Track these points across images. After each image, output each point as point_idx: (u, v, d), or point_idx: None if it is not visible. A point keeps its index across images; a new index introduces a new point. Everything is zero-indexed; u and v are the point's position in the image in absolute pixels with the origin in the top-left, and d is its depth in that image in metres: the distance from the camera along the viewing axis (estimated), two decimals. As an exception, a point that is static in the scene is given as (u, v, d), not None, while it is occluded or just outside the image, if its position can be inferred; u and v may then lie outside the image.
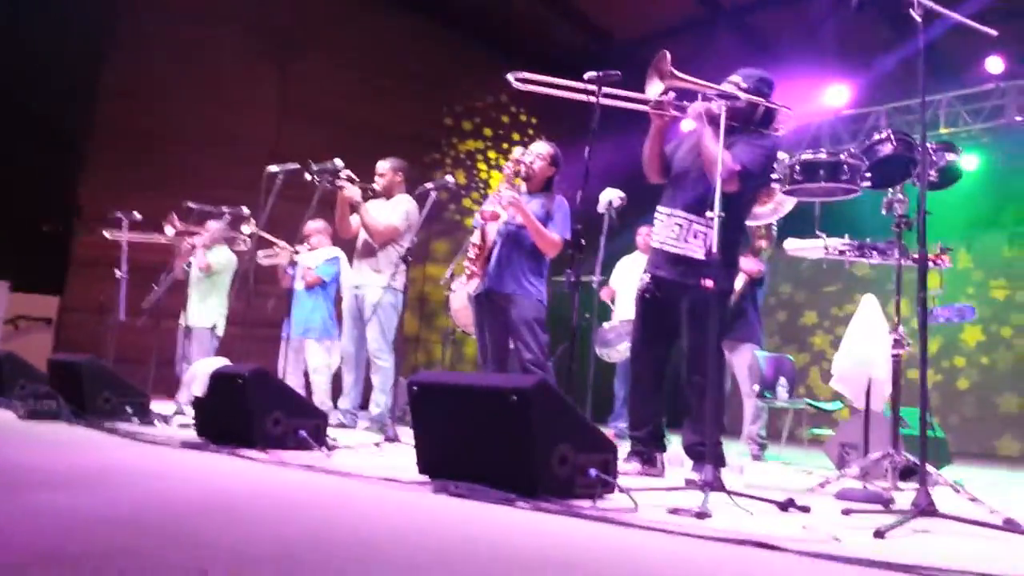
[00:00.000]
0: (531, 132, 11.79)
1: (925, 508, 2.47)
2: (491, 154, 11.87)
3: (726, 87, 3.63)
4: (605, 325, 6.80)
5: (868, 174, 3.26)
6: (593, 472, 2.64)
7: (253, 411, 3.55)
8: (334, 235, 6.10)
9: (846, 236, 3.27)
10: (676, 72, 3.47)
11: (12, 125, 9.82)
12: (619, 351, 6.76)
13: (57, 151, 10.13)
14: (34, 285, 9.89)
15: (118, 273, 6.04)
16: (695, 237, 3.74)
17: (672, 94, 3.72)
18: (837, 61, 9.64)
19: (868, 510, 2.80)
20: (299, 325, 6.51)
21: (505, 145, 11.91)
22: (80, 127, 9.91)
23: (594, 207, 5.49)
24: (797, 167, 3.34)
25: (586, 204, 4.57)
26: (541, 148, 4.64)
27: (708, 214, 2.94)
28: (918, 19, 2.71)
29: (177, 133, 9.72)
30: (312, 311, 6.34)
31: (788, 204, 4.03)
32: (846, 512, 2.73)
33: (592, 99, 3.49)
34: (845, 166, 3.24)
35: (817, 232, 3.34)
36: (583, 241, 4.32)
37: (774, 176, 3.52)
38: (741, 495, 2.73)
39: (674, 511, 2.47)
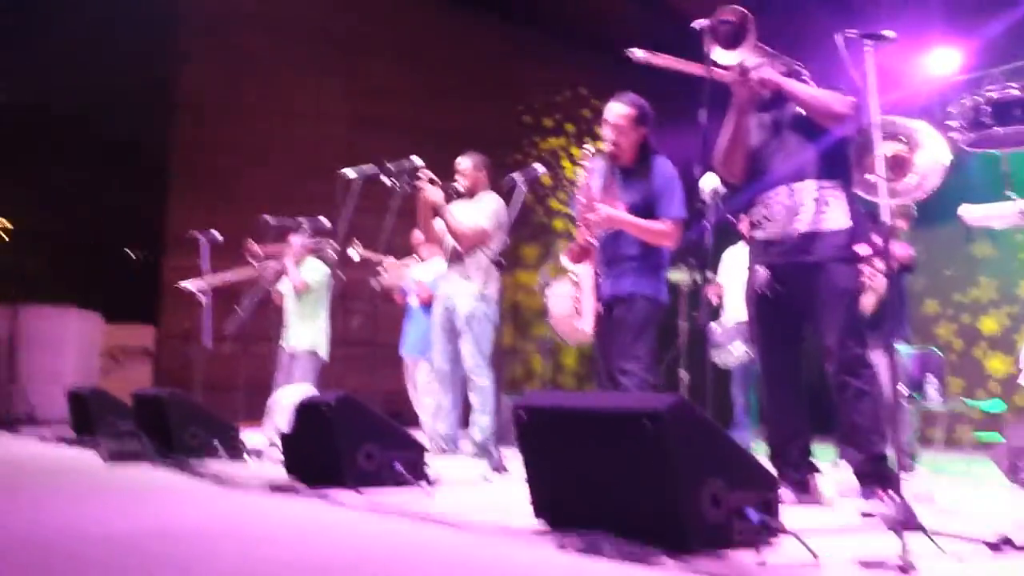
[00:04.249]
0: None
1: None
2: (574, 151, 11.38)
3: None
4: (713, 325, 6.25)
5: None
6: (754, 515, 2.13)
7: (342, 445, 3.16)
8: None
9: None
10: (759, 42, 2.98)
11: (91, 152, 9.84)
12: (732, 353, 6.20)
13: (141, 175, 10.09)
14: (128, 315, 9.85)
15: (202, 298, 5.79)
16: (829, 206, 3.18)
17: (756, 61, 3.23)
18: (944, 23, 8.85)
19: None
20: (416, 343, 6.16)
21: (588, 140, 11.43)
22: (160, 148, 9.86)
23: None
24: (984, 108, 2.72)
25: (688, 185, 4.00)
26: (615, 113, 3.79)
27: (869, 176, 2.39)
28: None
29: (255, 148, 9.58)
30: (430, 327, 5.96)
31: (935, 176, 3.42)
32: (1079, 551, 2.16)
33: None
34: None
35: (1008, 193, 2.70)
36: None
37: (952, 124, 2.93)
38: (940, 534, 2.18)
39: (868, 564, 1.94)
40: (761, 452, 3.47)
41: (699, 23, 3.08)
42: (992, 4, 8.59)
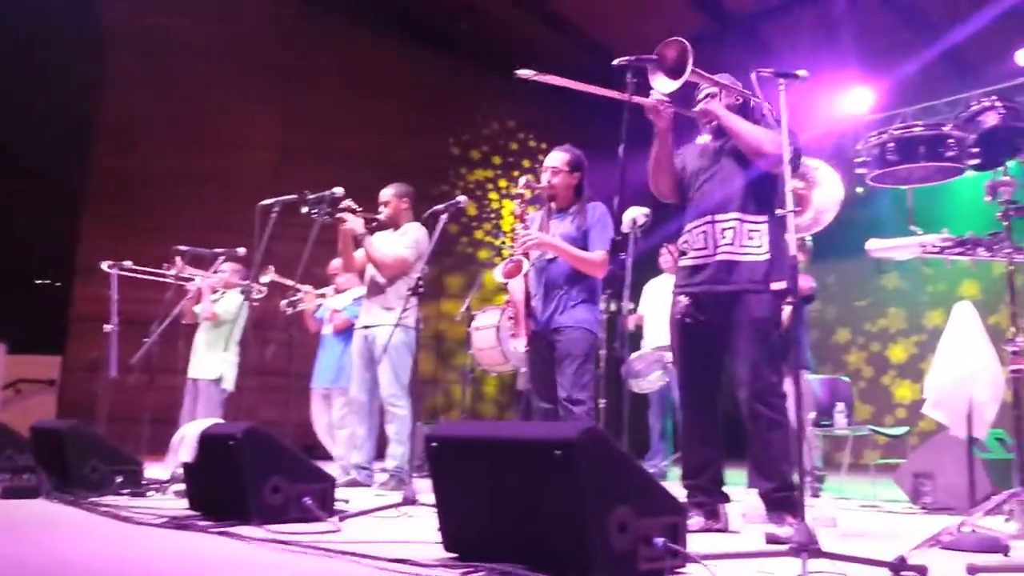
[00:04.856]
0: (541, 158, 11.36)
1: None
2: (501, 183, 11.47)
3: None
4: (633, 355, 6.33)
5: (975, 149, 2.74)
6: (659, 541, 2.13)
7: (248, 478, 3.06)
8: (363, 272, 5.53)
9: (944, 231, 2.74)
10: (697, 69, 3.04)
11: (4, 177, 9.50)
12: (651, 381, 6.29)
13: (53, 201, 9.77)
14: (34, 345, 9.48)
15: (107, 327, 5.59)
16: (750, 239, 3.25)
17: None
18: (858, 64, 9.21)
19: (997, 567, 2.28)
20: (328, 373, 6.05)
21: (516, 172, 11.51)
22: (76, 174, 9.58)
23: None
24: (890, 145, 2.82)
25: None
26: (554, 159, 4.14)
27: (779, 211, 2.45)
28: None
29: (176, 177, 9.38)
30: (343, 357, 5.86)
31: (830, 212, 3.56)
32: (972, 571, 2.22)
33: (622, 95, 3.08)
34: (949, 140, 2.73)
35: (912, 227, 2.81)
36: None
37: (859, 160, 3.04)
38: (842, 557, 2.21)
39: (770, 588, 1.96)
40: (675, 478, 3.51)
41: (620, 61, 3.13)
42: (904, 47, 8.99)
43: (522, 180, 4.25)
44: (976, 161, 2.78)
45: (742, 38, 9.92)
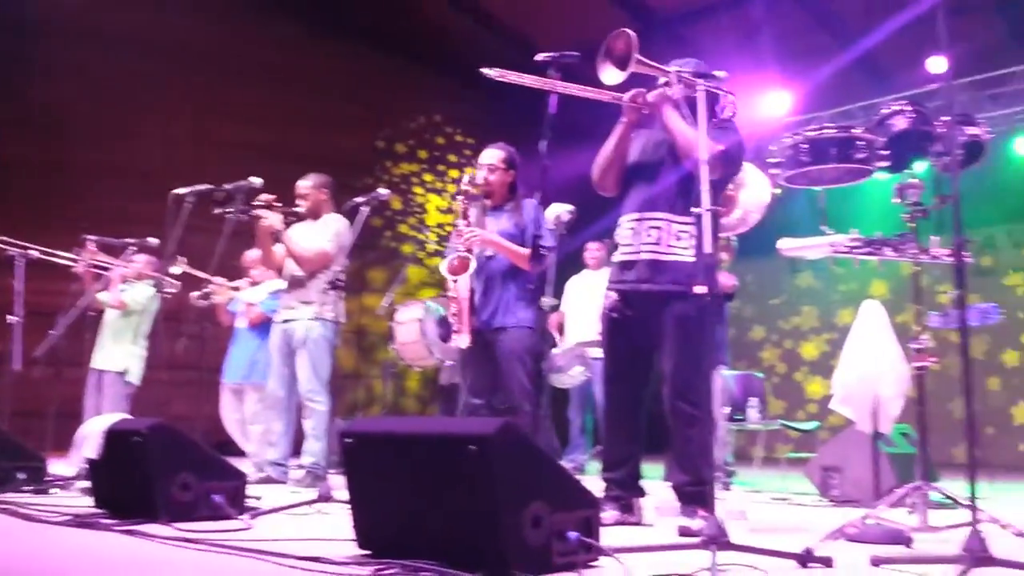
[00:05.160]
0: (468, 153, 11.34)
1: (979, 555, 2.03)
2: (427, 177, 11.39)
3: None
4: (555, 351, 6.38)
5: (885, 151, 2.82)
6: (573, 535, 2.14)
7: (155, 475, 2.97)
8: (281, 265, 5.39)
9: (853, 231, 2.81)
10: (641, 57, 3.04)
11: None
12: (571, 376, 6.34)
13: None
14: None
15: (11, 318, 5.36)
16: (678, 239, 3.27)
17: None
18: (777, 68, 9.43)
19: (900, 559, 2.35)
20: (240, 368, 5.91)
21: (441, 167, 11.45)
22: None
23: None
24: (803, 146, 2.88)
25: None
26: (490, 157, 4.16)
27: (695, 210, 2.48)
28: None
29: (88, 168, 9.03)
30: (257, 351, 5.72)
31: (756, 213, 3.64)
32: (876, 563, 2.29)
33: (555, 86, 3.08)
34: (859, 142, 2.81)
35: (823, 228, 2.88)
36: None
37: (773, 161, 3.09)
38: (751, 549, 2.26)
39: (680, 581, 1.99)
40: (595, 472, 3.53)
41: (543, 56, 3.14)
42: (820, 51, 9.24)
43: (465, 177, 4.26)
44: (886, 163, 2.87)
45: (666, 38, 10.06)
